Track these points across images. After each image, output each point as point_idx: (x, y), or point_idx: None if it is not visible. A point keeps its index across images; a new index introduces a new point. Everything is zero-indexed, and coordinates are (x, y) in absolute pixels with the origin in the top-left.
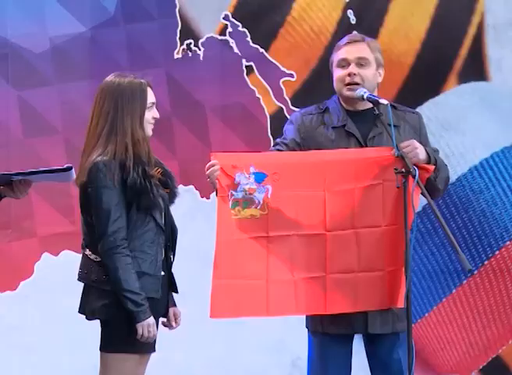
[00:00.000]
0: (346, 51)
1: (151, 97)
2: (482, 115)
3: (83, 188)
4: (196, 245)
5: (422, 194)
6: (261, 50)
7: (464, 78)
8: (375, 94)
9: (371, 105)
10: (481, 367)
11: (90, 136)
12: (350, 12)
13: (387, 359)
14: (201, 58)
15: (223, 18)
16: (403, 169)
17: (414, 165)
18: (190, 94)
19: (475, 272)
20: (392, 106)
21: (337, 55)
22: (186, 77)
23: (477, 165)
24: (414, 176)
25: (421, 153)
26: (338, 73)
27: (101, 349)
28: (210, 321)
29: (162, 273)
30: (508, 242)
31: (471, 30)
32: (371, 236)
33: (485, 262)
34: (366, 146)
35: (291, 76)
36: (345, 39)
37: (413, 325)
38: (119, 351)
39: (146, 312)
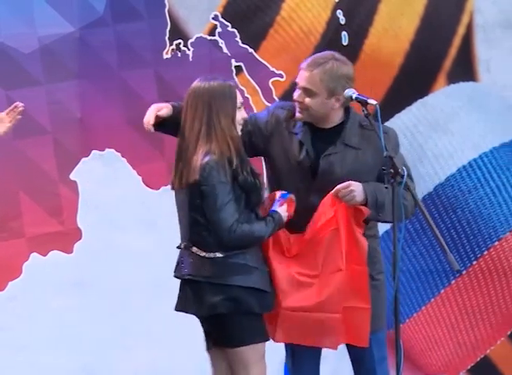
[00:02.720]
0: (299, 75)
1: (239, 97)
2: (471, 115)
3: (195, 187)
4: None
5: (412, 195)
6: (251, 50)
7: (453, 78)
8: (332, 120)
9: (334, 124)
10: (469, 367)
11: (190, 138)
12: (339, 13)
13: (358, 356)
14: (191, 58)
15: (212, 18)
16: (392, 170)
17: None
18: (179, 94)
19: (464, 272)
20: (361, 125)
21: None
22: (175, 77)
23: (465, 165)
24: (402, 177)
25: (358, 195)
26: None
27: (230, 346)
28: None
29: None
30: (496, 242)
31: (461, 30)
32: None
33: (474, 263)
34: (315, 159)
35: (280, 76)
36: (306, 61)
37: (401, 325)
38: (253, 341)
39: (277, 221)
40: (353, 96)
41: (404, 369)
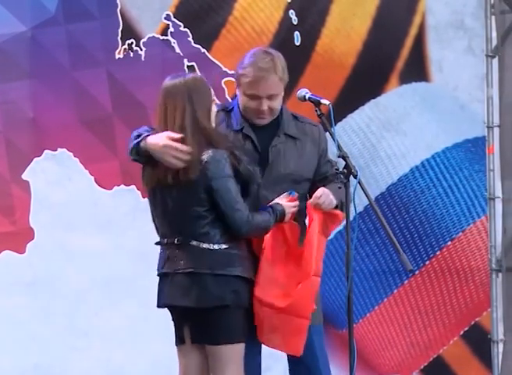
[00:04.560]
0: (257, 87)
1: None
2: (423, 115)
3: (199, 182)
4: (137, 245)
5: (364, 193)
6: (203, 50)
7: (406, 79)
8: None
9: (272, 119)
10: (422, 367)
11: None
12: (291, 13)
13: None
14: (143, 58)
15: (165, 18)
16: (345, 170)
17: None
18: (131, 94)
19: (416, 272)
20: (293, 116)
21: (247, 84)
22: (127, 77)
23: (418, 165)
24: (355, 176)
25: (333, 198)
26: (247, 103)
27: (216, 343)
28: None
29: None
30: (449, 242)
31: (413, 31)
32: None
33: (427, 262)
34: (261, 150)
35: (233, 76)
36: (253, 66)
37: (354, 325)
38: (239, 341)
39: (277, 213)
40: (307, 96)
41: (357, 369)
